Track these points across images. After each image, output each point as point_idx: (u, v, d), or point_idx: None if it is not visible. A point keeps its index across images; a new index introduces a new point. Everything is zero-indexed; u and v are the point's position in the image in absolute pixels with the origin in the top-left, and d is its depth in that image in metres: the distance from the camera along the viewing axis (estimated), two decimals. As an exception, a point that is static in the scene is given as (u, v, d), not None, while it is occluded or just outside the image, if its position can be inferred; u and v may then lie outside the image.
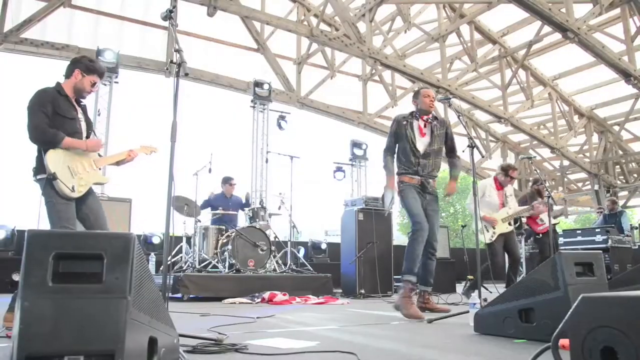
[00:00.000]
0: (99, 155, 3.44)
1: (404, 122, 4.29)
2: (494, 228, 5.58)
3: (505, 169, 5.82)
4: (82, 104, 3.43)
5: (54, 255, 1.44)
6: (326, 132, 16.77)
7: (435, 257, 4.32)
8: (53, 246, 1.45)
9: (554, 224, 6.57)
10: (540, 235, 6.60)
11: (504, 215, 5.68)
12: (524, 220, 6.56)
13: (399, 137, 4.30)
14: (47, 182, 3.08)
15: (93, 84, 3.33)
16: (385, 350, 2.39)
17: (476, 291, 5.53)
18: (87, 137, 3.41)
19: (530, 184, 7.10)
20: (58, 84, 3.28)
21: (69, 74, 3.29)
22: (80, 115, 3.37)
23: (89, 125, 3.45)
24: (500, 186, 5.83)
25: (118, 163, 3.55)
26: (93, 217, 3.28)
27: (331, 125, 12.77)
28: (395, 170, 4.35)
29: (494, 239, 5.56)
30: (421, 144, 4.27)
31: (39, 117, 3.07)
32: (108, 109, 8.40)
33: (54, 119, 3.13)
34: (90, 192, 3.33)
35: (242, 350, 2.26)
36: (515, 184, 14.51)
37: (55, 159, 3.11)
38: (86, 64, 3.29)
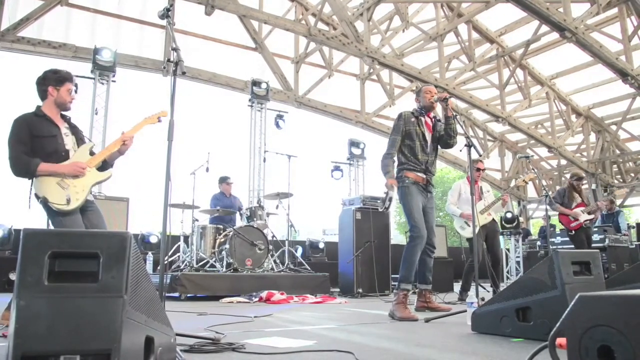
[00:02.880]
0: (91, 154, 3.37)
1: (413, 119, 4.19)
2: None
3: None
4: (67, 117, 3.39)
5: (50, 254, 1.44)
6: (324, 131, 16.74)
7: (433, 254, 4.30)
8: (49, 245, 1.44)
9: (586, 220, 6.38)
10: (574, 232, 6.42)
11: (481, 207, 5.86)
12: (553, 216, 6.44)
13: (407, 134, 4.15)
14: (44, 204, 3.10)
15: (70, 92, 3.30)
16: (383, 349, 2.39)
17: (468, 291, 5.61)
18: (78, 146, 3.38)
19: (569, 176, 6.95)
20: (38, 107, 3.26)
21: (43, 95, 3.26)
22: (65, 130, 3.32)
23: (78, 136, 3.40)
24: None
25: (120, 152, 3.44)
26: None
27: (329, 125, 12.77)
28: (397, 165, 4.21)
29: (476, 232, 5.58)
30: (429, 141, 4.22)
31: (15, 149, 3.08)
32: (105, 107, 8.38)
33: (33, 143, 3.12)
34: (90, 205, 3.30)
35: (240, 350, 2.25)
36: (512, 183, 14.57)
37: (41, 181, 3.10)
38: (53, 78, 3.26)
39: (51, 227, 3.17)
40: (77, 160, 3.24)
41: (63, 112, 3.36)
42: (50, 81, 3.25)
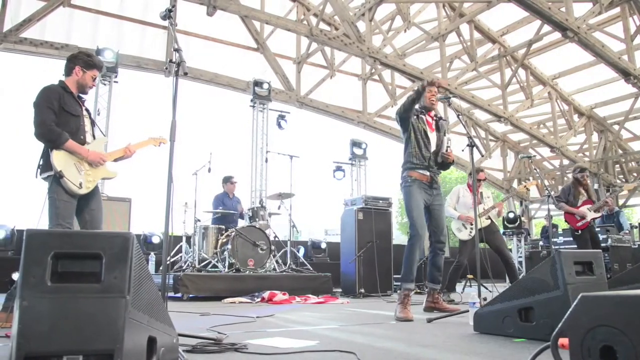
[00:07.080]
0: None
1: (415, 115, 4.18)
2: (471, 225, 5.69)
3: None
4: (83, 99, 3.46)
5: (53, 255, 1.44)
6: (326, 132, 16.79)
7: (443, 252, 4.26)
8: (52, 245, 1.45)
9: (593, 219, 6.31)
10: (580, 232, 6.31)
11: (480, 211, 5.74)
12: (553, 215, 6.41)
13: (413, 127, 4.14)
14: (55, 179, 3.10)
15: (94, 79, 3.38)
16: (385, 349, 2.39)
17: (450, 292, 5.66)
18: (93, 134, 3.46)
19: (571, 170, 6.82)
20: (62, 81, 3.31)
21: (69, 72, 3.32)
22: (85, 112, 3.41)
23: (91, 120, 3.50)
24: (471, 188, 5.89)
25: (116, 159, 3.58)
26: (89, 223, 3.29)
27: (331, 125, 12.79)
28: (401, 165, 4.20)
29: (472, 235, 5.66)
30: (432, 138, 4.21)
31: (45, 114, 3.09)
32: (107, 108, 8.40)
33: (60, 116, 3.16)
34: (95, 191, 3.35)
35: (242, 350, 2.26)
36: (515, 183, 14.54)
37: (61, 157, 3.14)
38: (85, 60, 3.33)
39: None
40: (94, 150, 3.33)
41: (80, 95, 3.42)
42: (81, 62, 3.31)
